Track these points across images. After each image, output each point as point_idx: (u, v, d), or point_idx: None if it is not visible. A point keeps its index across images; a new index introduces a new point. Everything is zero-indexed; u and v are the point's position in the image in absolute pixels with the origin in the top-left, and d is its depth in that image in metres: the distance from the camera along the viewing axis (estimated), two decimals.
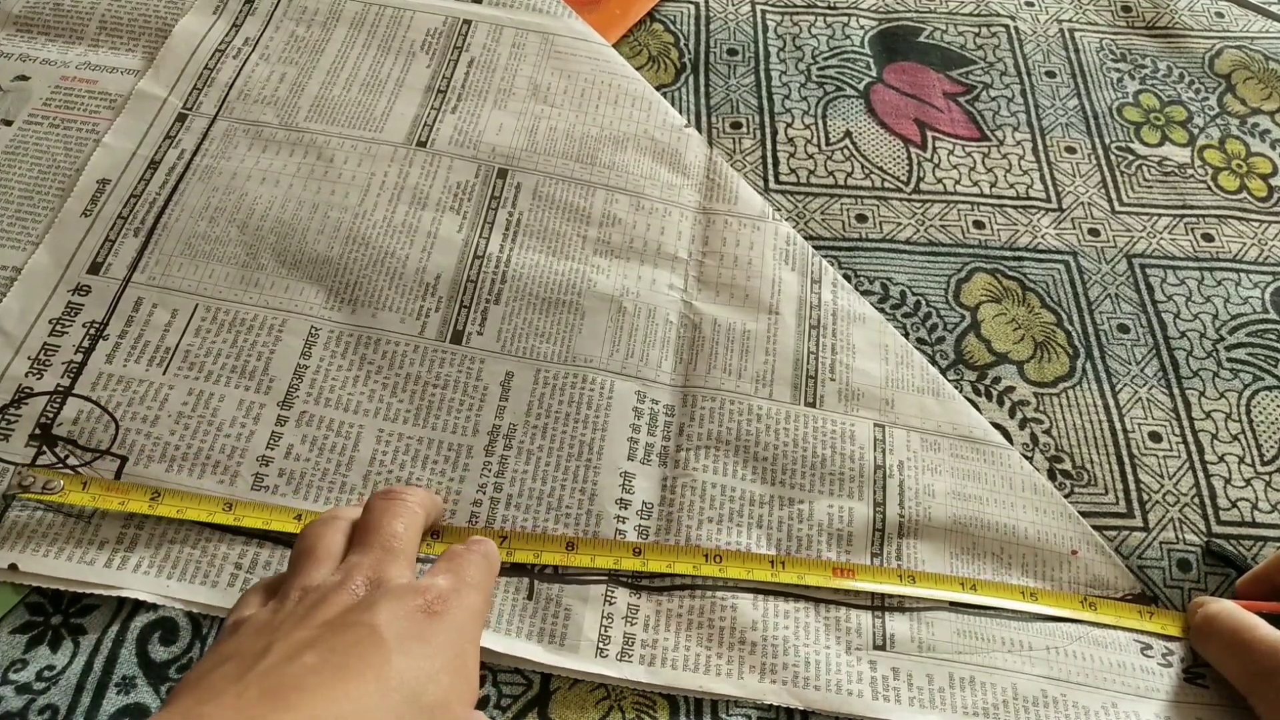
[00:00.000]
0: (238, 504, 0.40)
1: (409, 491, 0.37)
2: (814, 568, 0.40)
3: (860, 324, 0.47)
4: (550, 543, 0.40)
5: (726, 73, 0.57)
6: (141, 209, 0.47)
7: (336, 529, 0.35)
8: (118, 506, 0.39)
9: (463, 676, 0.31)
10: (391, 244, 0.47)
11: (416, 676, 0.30)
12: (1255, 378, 0.47)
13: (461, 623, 0.32)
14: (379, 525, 0.35)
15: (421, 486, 0.40)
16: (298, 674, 0.28)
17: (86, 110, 0.51)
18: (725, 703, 0.38)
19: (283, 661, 0.29)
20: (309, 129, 0.51)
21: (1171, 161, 0.55)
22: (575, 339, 0.45)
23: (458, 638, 0.32)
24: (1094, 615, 0.40)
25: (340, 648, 0.30)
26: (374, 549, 0.34)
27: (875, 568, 0.41)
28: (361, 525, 0.36)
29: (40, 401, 0.41)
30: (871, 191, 0.53)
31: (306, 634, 0.30)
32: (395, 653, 0.30)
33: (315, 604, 0.31)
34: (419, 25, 0.56)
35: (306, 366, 0.44)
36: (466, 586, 0.33)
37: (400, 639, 0.30)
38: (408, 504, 0.36)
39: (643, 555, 0.40)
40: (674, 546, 0.41)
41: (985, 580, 0.41)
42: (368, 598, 0.32)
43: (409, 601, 0.32)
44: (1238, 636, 0.38)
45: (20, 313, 0.44)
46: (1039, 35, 0.60)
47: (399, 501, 0.36)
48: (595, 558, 0.40)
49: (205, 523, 0.39)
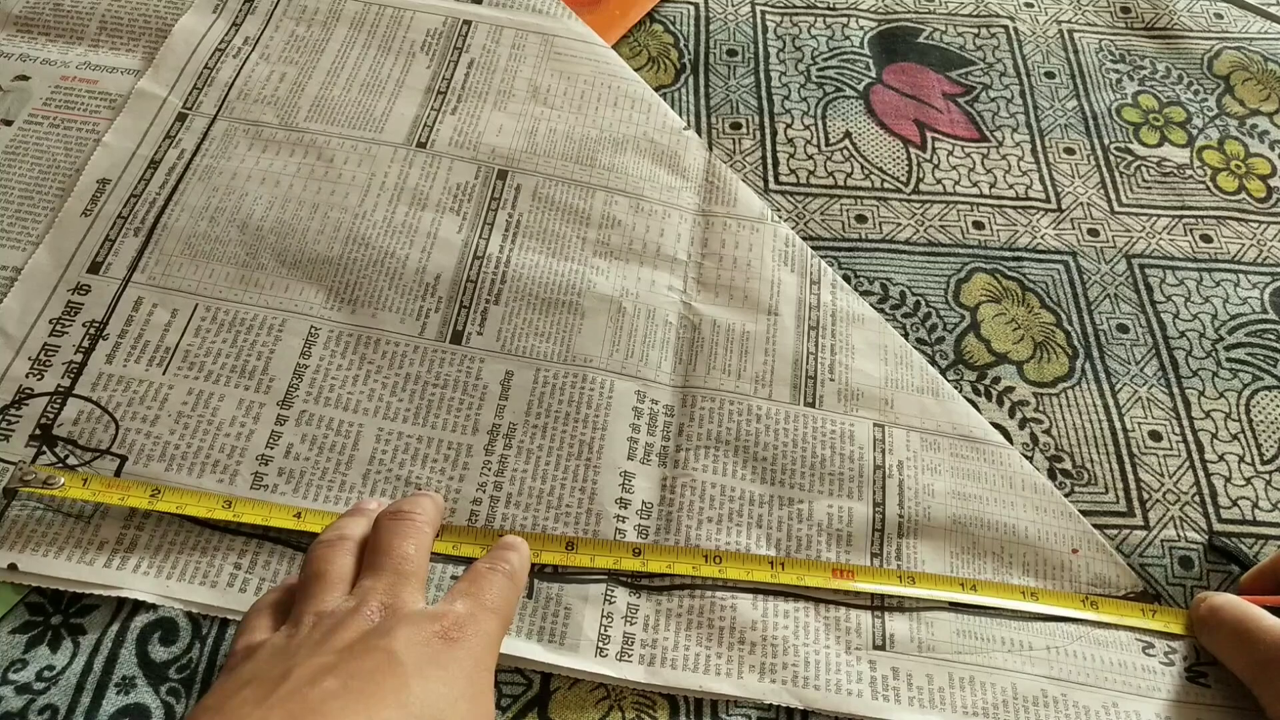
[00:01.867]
0: (237, 500, 0.40)
1: (417, 509, 0.37)
2: (813, 569, 0.40)
3: (859, 324, 0.47)
4: (550, 542, 0.40)
5: (726, 73, 0.57)
6: (141, 209, 0.47)
7: (345, 550, 0.35)
8: (118, 501, 0.39)
9: (479, 703, 0.32)
10: (391, 244, 0.47)
11: (435, 702, 0.30)
12: (1255, 377, 0.47)
13: (478, 650, 0.32)
14: (390, 548, 0.35)
15: (426, 492, 0.40)
16: (319, 699, 0.29)
17: (86, 110, 0.51)
18: (725, 702, 0.37)
19: (304, 685, 0.29)
20: (309, 129, 0.51)
21: (1170, 162, 0.55)
22: (575, 339, 0.45)
23: (474, 665, 0.32)
24: (1096, 614, 0.40)
25: (360, 673, 0.30)
26: (386, 573, 0.34)
27: (875, 569, 0.41)
28: (372, 547, 0.36)
29: (40, 402, 0.41)
30: (871, 192, 0.53)
31: (325, 659, 0.30)
32: (414, 678, 0.30)
33: (331, 629, 0.32)
34: (419, 25, 0.56)
35: (306, 366, 0.44)
36: (485, 611, 0.34)
37: (419, 665, 0.30)
38: (416, 524, 0.36)
39: (642, 556, 0.40)
40: (673, 547, 0.40)
41: (986, 580, 0.41)
42: (384, 624, 0.32)
43: (426, 628, 0.32)
44: (1242, 627, 0.38)
45: (20, 313, 0.44)
46: (1038, 36, 0.60)
47: (408, 522, 0.36)
48: (595, 558, 0.40)
49: (205, 520, 0.39)
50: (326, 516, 0.39)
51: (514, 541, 0.38)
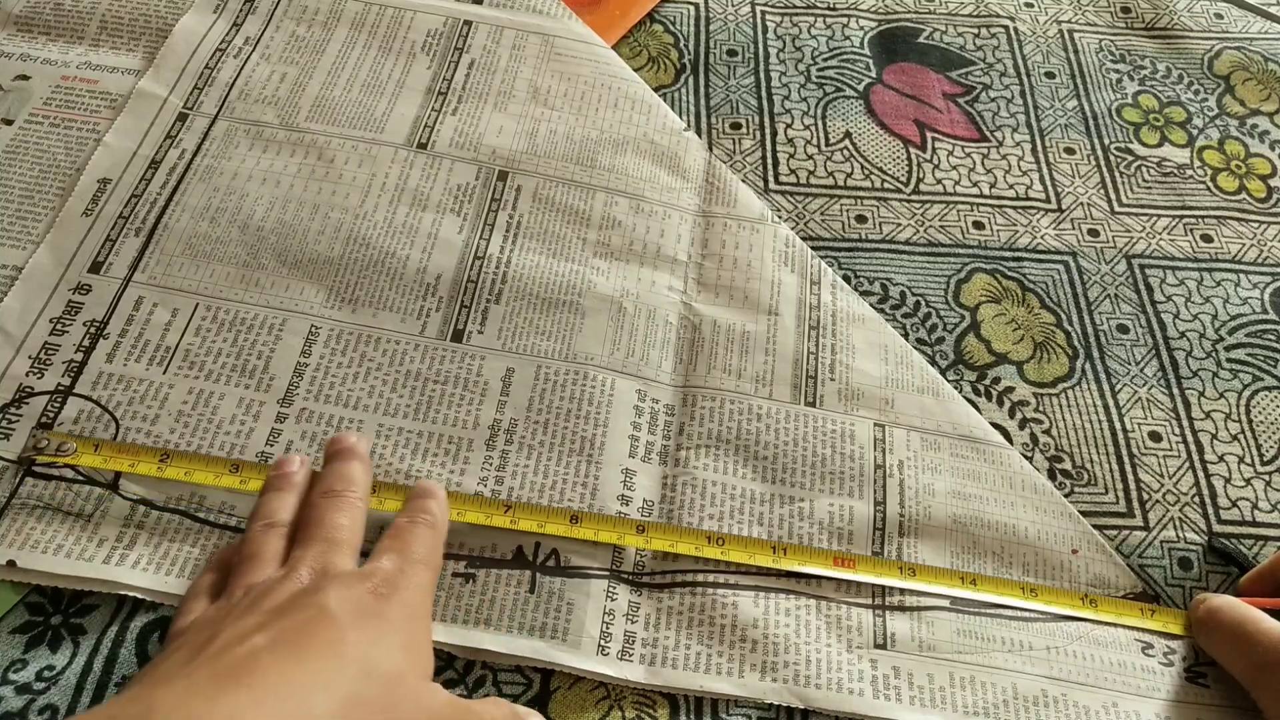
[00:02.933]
0: (244, 466, 0.40)
1: (350, 488, 0.37)
2: (815, 555, 0.40)
3: (860, 324, 0.47)
4: (555, 514, 0.40)
5: (726, 73, 0.57)
6: (142, 209, 0.47)
7: (277, 534, 0.36)
8: (128, 468, 0.39)
9: (417, 651, 0.32)
10: (392, 245, 0.47)
11: (371, 650, 0.30)
12: (1255, 378, 0.47)
13: (412, 602, 0.33)
14: (321, 520, 0.35)
15: (354, 455, 0.39)
16: (248, 654, 0.29)
17: (87, 110, 0.51)
18: (726, 702, 0.37)
19: (232, 644, 0.29)
20: (309, 129, 0.51)
21: (1171, 162, 0.55)
22: (576, 338, 0.45)
23: (409, 617, 0.32)
24: (1095, 612, 0.40)
25: (291, 628, 0.30)
26: (317, 542, 0.34)
27: (876, 559, 0.41)
28: (304, 522, 0.36)
29: (41, 401, 0.41)
30: (871, 192, 0.53)
31: (255, 619, 0.30)
32: (349, 630, 0.30)
33: (261, 595, 0.32)
34: (419, 26, 0.56)
35: (307, 364, 0.44)
36: (413, 564, 0.34)
37: (352, 619, 0.30)
38: (349, 499, 0.36)
39: (646, 533, 0.40)
40: (677, 527, 0.41)
41: (986, 576, 0.41)
42: (314, 583, 0.32)
43: (357, 586, 0.32)
44: (1241, 629, 0.38)
45: (21, 312, 0.44)
46: (1038, 36, 0.60)
47: (341, 498, 0.36)
48: (599, 531, 0.40)
49: (207, 521, 0.39)
50: None
51: (428, 488, 0.38)
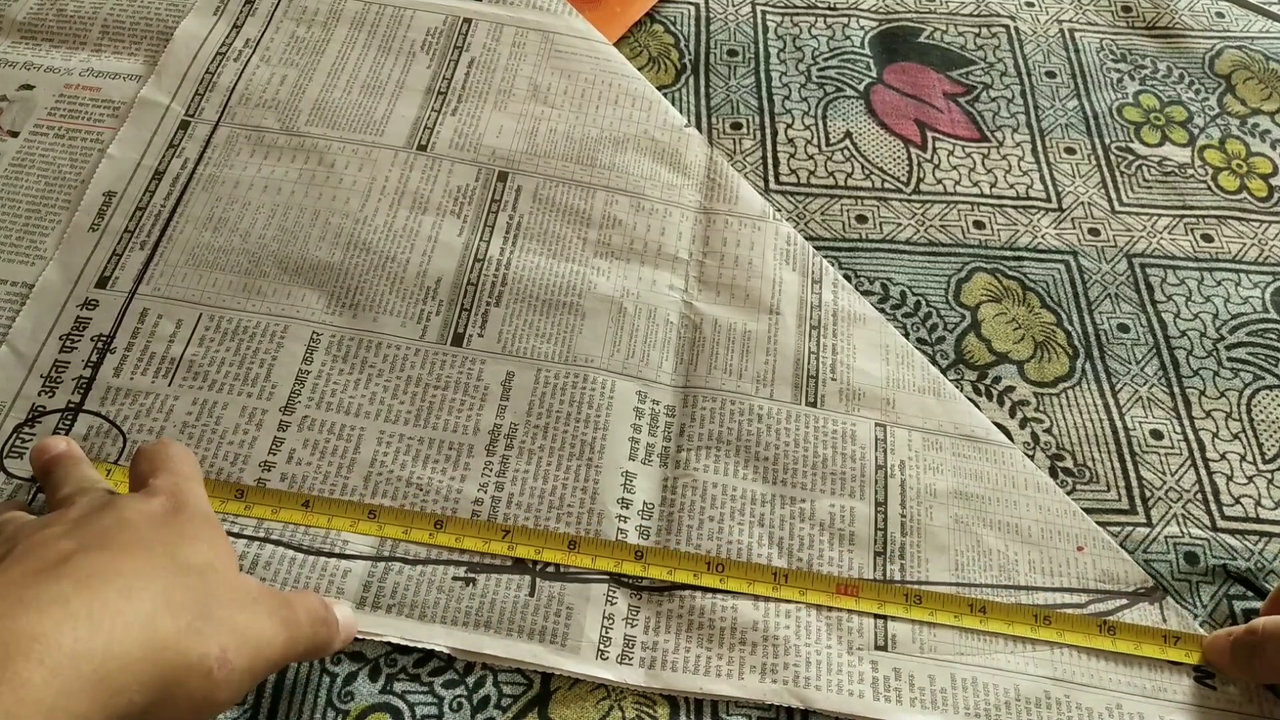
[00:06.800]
0: (250, 491, 0.40)
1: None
2: (817, 582, 0.40)
3: (861, 324, 0.47)
4: (553, 539, 0.40)
5: (727, 73, 0.57)
6: (147, 222, 0.47)
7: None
8: None
9: (219, 549, 0.32)
10: (392, 249, 0.48)
11: (177, 545, 0.31)
12: (1255, 377, 0.47)
13: (203, 508, 0.34)
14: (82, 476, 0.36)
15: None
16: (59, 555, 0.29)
17: (90, 119, 0.51)
18: (726, 703, 0.38)
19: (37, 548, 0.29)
20: (310, 133, 0.51)
21: (1171, 161, 0.55)
22: (576, 340, 0.46)
23: (202, 518, 0.33)
24: (1112, 644, 0.39)
25: (95, 532, 0.30)
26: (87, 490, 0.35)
27: (880, 585, 0.40)
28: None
29: (53, 420, 0.42)
30: (871, 192, 0.53)
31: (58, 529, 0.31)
32: (147, 529, 0.31)
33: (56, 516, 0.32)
34: (419, 24, 0.56)
35: (308, 372, 0.44)
36: (186, 480, 0.34)
37: (152, 524, 0.31)
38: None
39: (644, 559, 0.40)
40: (675, 552, 0.41)
41: (996, 602, 0.40)
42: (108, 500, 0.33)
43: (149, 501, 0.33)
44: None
45: (32, 331, 0.44)
46: (1039, 36, 0.60)
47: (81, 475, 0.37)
48: (596, 559, 0.40)
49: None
50: (334, 504, 0.40)
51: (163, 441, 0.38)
